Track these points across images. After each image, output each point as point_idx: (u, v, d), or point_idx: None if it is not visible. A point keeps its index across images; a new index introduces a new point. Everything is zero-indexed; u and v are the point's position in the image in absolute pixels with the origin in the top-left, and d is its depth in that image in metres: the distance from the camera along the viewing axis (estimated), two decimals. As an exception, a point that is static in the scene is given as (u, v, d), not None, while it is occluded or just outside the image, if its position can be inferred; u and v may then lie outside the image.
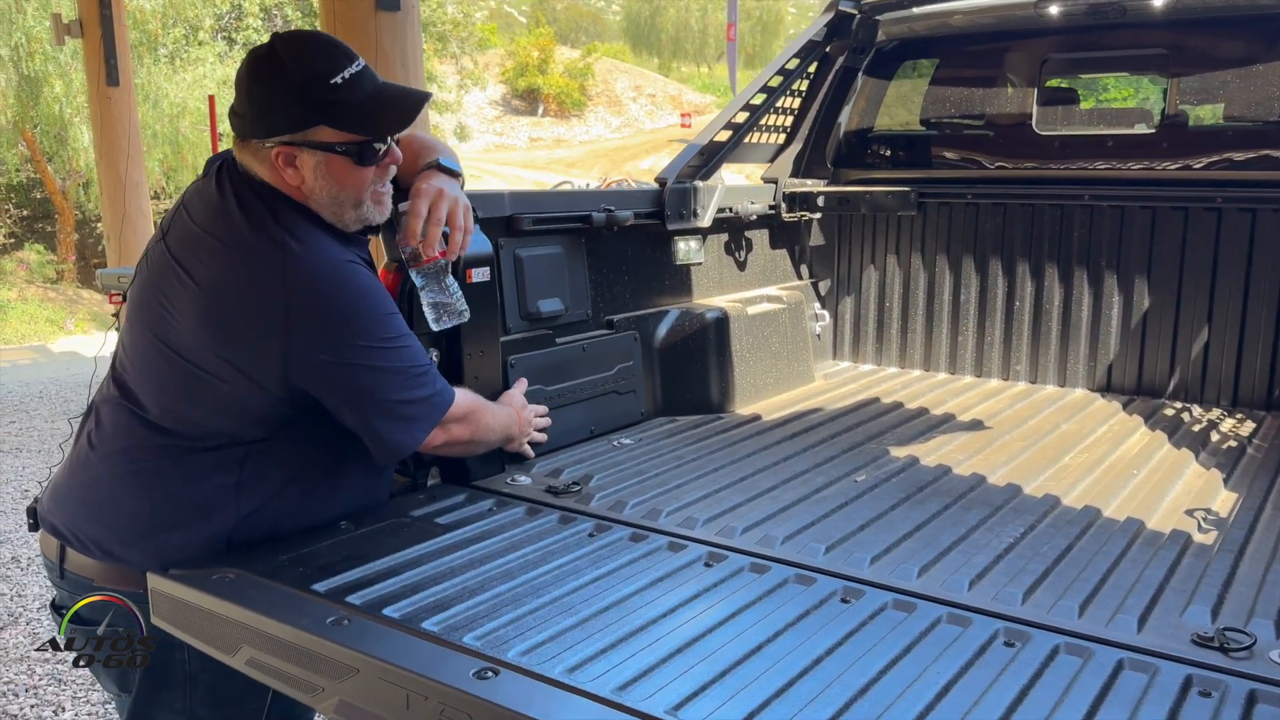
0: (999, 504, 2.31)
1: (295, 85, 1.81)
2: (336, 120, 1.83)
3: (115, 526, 1.93)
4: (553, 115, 32.94)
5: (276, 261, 1.85)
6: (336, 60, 1.83)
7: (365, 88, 1.85)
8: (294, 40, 1.86)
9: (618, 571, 1.89)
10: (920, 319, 3.81)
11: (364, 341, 1.87)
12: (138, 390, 1.94)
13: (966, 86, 3.78)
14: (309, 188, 1.89)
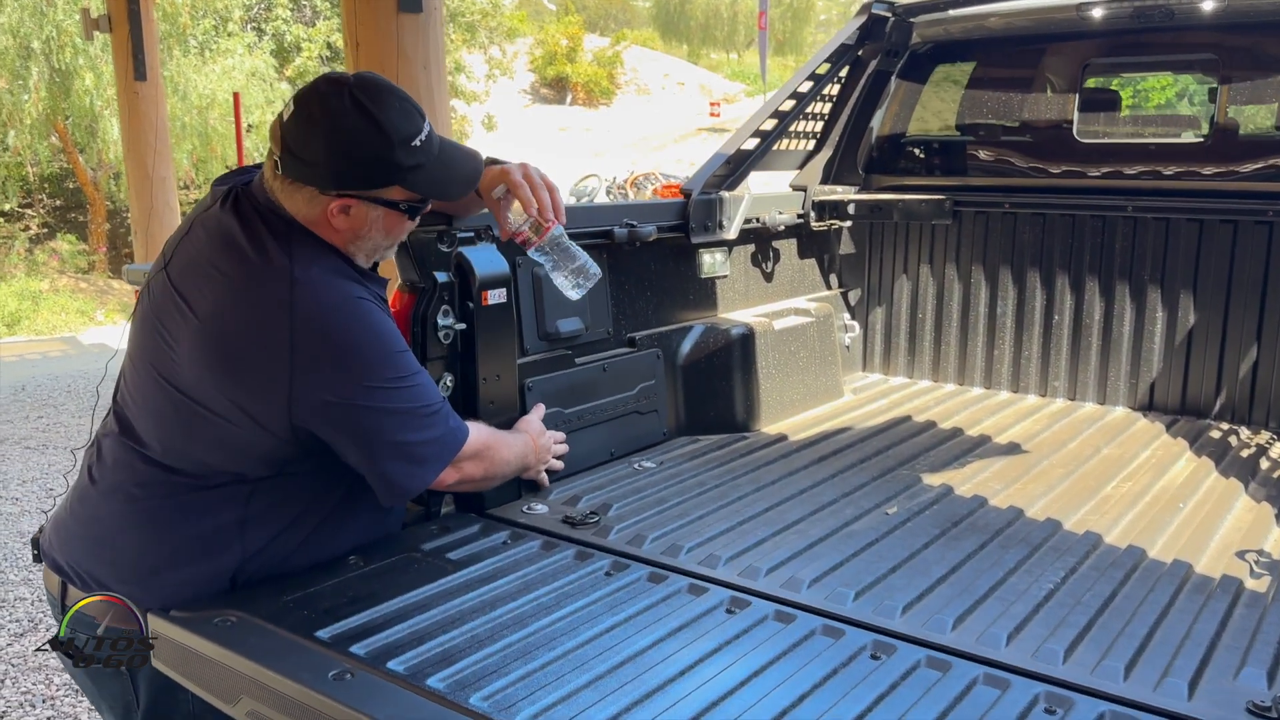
0: (1038, 542, 2.19)
1: (383, 147, 1.76)
2: (412, 182, 1.81)
3: (116, 564, 1.87)
4: (581, 103, 32.81)
5: (282, 296, 1.77)
6: (416, 120, 1.80)
7: (434, 148, 1.83)
8: (374, 93, 1.77)
9: (635, 619, 1.80)
10: (954, 331, 3.69)
11: (372, 382, 1.80)
12: (138, 425, 1.88)
13: (1004, 91, 3.65)
14: (355, 235, 1.85)
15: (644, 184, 9.81)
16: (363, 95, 1.76)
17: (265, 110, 14.26)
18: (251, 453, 1.83)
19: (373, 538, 2.07)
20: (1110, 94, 3.63)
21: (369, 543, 2.06)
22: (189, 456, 1.83)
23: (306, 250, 1.82)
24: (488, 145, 23.23)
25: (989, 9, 3.45)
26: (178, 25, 12.99)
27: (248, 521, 1.86)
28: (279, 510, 1.89)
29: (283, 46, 16.28)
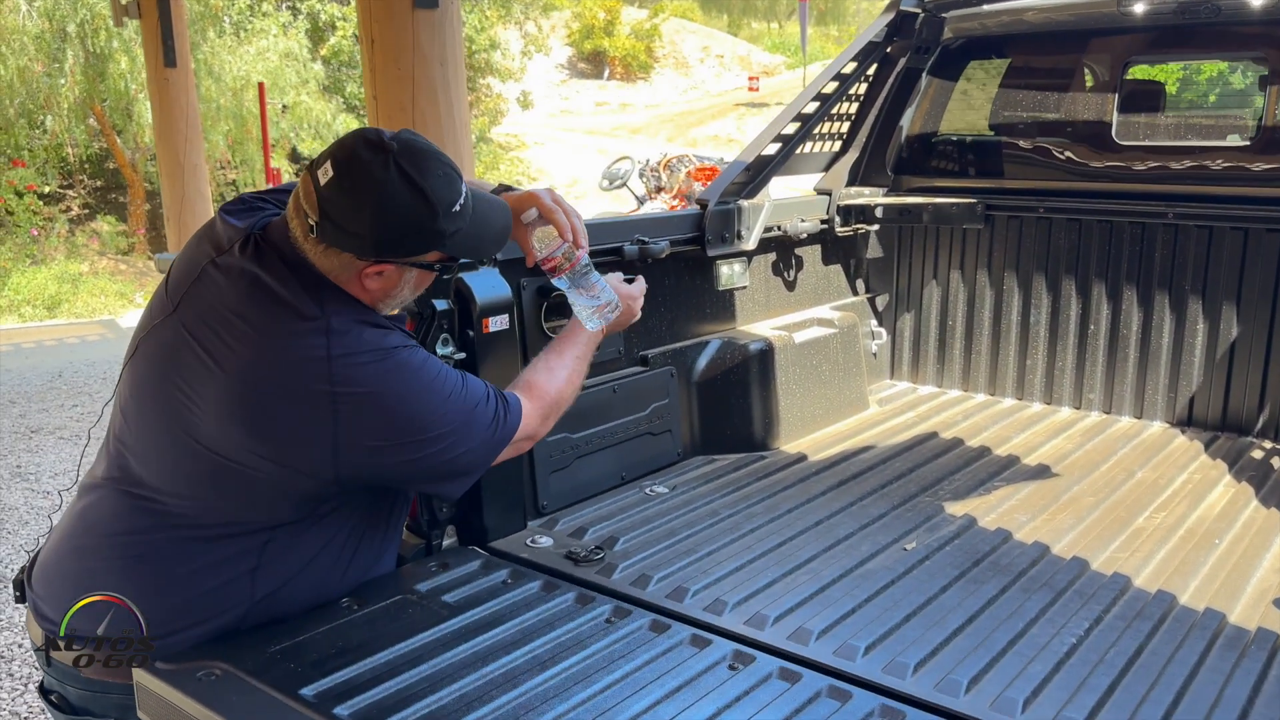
0: (1062, 586, 2.09)
1: (430, 220, 1.71)
2: (452, 247, 1.78)
3: (113, 623, 1.79)
4: (619, 78, 32.52)
5: (320, 349, 1.71)
6: (456, 185, 1.74)
7: (469, 208, 1.78)
8: (418, 162, 1.71)
9: (632, 677, 1.72)
10: (985, 339, 3.56)
11: (419, 423, 1.77)
12: (145, 475, 1.80)
13: (1040, 90, 3.49)
14: (385, 293, 1.80)
15: (677, 166, 9.61)
16: (408, 164, 1.70)
17: (299, 91, 14.26)
18: (285, 500, 1.79)
19: (371, 575, 2.01)
20: (1152, 93, 3.47)
21: (365, 579, 2.00)
22: (208, 506, 1.77)
23: (338, 302, 1.76)
24: (523, 123, 23.09)
25: (1026, 3, 3.30)
26: (210, 7, 12.99)
27: (259, 570, 1.80)
28: (291, 558, 1.83)
29: (317, 26, 16.24)
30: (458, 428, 1.81)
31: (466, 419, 1.82)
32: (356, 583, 1.97)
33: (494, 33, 18.30)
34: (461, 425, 1.82)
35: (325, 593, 1.92)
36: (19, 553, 4.93)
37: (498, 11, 18.92)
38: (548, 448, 2.46)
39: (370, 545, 1.97)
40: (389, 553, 2.07)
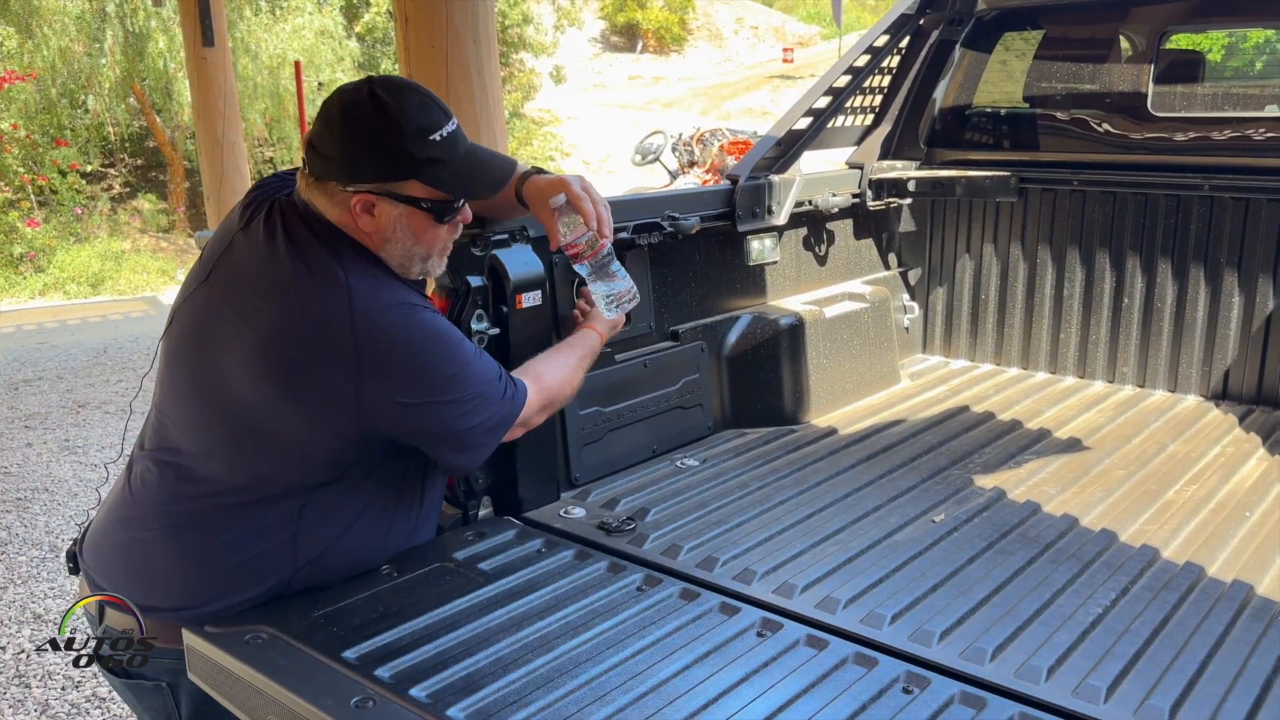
0: (1090, 557, 2.10)
1: (395, 136, 1.74)
2: (431, 177, 1.77)
3: (164, 591, 1.87)
4: (652, 51, 32.35)
5: (341, 303, 1.76)
6: (436, 116, 1.77)
7: (459, 147, 1.80)
8: (393, 88, 1.77)
9: (662, 642, 1.77)
10: (1019, 313, 3.55)
11: (437, 381, 1.82)
12: (183, 442, 1.86)
13: (1075, 62, 3.45)
14: (383, 237, 1.83)
15: (710, 140, 9.60)
16: (382, 89, 1.76)
17: (335, 69, 14.34)
18: (315, 459, 1.83)
19: (412, 542, 2.07)
20: (1189, 63, 3.42)
21: (407, 547, 2.06)
22: (244, 468, 1.82)
23: (355, 258, 1.82)
24: (556, 98, 23.05)
25: (1061, -28, 3.27)
26: (246, -15, 13.10)
27: (300, 535, 1.86)
28: (331, 521, 1.89)
29: (352, 3, 16.31)
30: (473, 396, 1.86)
31: (481, 390, 1.87)
32: (396, 550, 2.03)
33: (526, 7, 18.26)
34: (477, 395, 1.86)
35: (367, 558, 1.97)
36: (69, 523, 5.07)
37: (530, -14, 18.89)
38: (580, 421, 2.50)
39: (408, 514, 2.02)
40: (428, 522, 2.12)
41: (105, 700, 3.53)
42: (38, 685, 3.64)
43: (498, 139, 4.20)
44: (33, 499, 5.41)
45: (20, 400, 7.31)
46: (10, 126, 12.25)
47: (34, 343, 9.30)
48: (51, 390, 7.54)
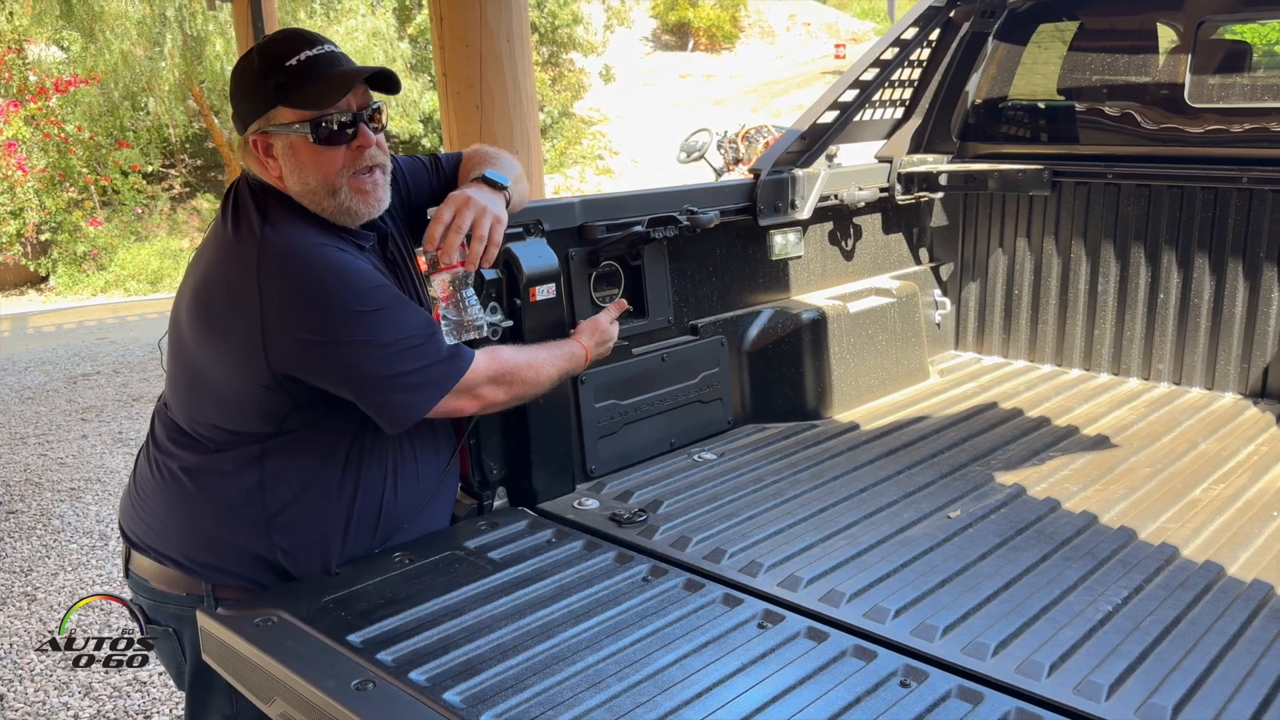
0: (1106, 555, 2.07)
1: (255, 73, 1.85)
2: (286, 98, 1.83)
3: (161, 532, 1.99)
4: (703, 49, 32.28)
5: (252, 250, 1.84)
6: (294, 46, 1.85)
7: (320, 68, 1.84)
8: (268, 37, 1.90)
9: (662, 632, 1.78)
10: (1052, 309, 3.49)
11: (339, 317, 1.81)
12: (170, 396, 2.01)
13: (1110, 53, 3.39)
14: (284, 175, 1.88)
15: (756, 137, 9.56)
16: (261, 40, 1.90)
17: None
18: (249, 409, 1.90)
19: (401, 512, 2.07)
20: (1225, 53, 3.33)
21: (398, 513, 2.06)
22: (202, 419, 1.93)
23: (280, 212, 1.90)
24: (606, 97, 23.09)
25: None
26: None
27: (265, 483, 1.93)
28: (293, 470, 1.94)
29: (404, 4, 16.50)
30: (392, 342, 1.84)
31: (401, 338, 1.84)
32: (380, 524, 2.04)
33: (577, 7, 18.33)
34: (395, 341, 1.84)
35: (335, 525, 1.98)
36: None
37: (581, -15, 18.94)
38: (596, 413, 2.52)
39: (376, 486, 2.02)
40: (408, 502, 2.09)
41: (145, 684, 3.63)
42: (82, 668, 3.75)
43: (530, 134, 4.24)
44: (85, 489, 5.57)
45: (78, 394, 7.52)
46: (75, 129, 12.61)
47: (94, 338, 9.57)
48: (108, 384, 7.75)
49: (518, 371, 2.04)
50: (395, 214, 2.13)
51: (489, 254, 1.97)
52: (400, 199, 2.17)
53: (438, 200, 2.17)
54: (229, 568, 1.96)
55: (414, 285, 2.11)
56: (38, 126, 12.45)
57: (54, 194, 12.35)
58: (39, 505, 5.36)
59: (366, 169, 1.89)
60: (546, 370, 2.11)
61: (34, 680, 3.70)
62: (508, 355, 2.05)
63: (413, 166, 2.24)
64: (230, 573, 1.96)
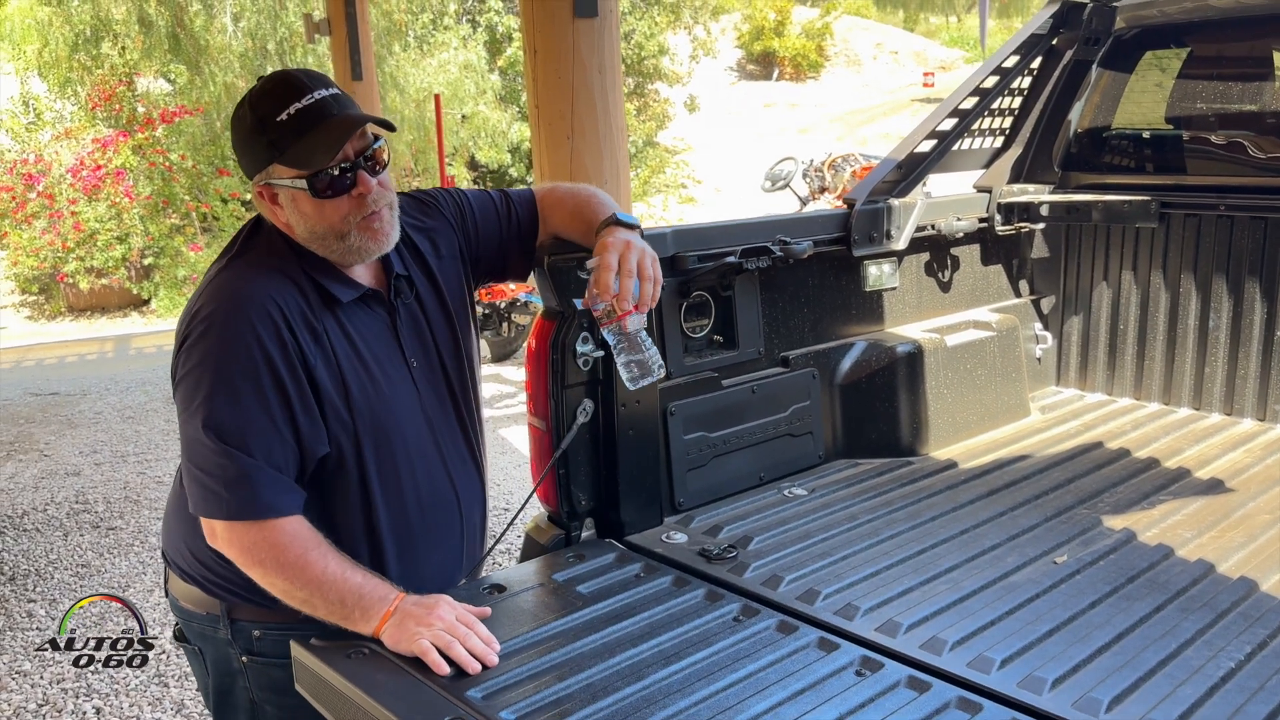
0: (1225, 607, 1.95)
1: (249, 128, 1.80)
2: (281, 157, 1.78)
3: (180, 547, 2.01)
4: (788, 78, 32.25)
5: (209, 276, 1.86)
6: (284, 98, 1.77)
7: (309, 121, 1.76)
8: (257, 85, 1.84)
9: (755, 676, 1.73)
10: (1160, 344, 3.35)
11: (194, 378, 1.76)
12: None
13: (1223, 80, 3.26)
14: (291, 223, 1.84)
15: (842, 166, 9.48)
16: (253, 89, 1.84)
17: (477, 101, 14.81)
18: None
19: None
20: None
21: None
22: None
23: (260, 244, 1.88)
24: (690, 127, 23.19)
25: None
26: (395, 22, 13.67)
27: None
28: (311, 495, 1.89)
29: (495, 38, 16.82)
30: (202, 437, 1.73)
31: (225, 420, 1.73)
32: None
33: (663, 39, 18.47)
34: (220, 417, 1.73)
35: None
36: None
37: (667, 17, 19.09)
38: (685, 445, 2.48)
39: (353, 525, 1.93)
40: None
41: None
42: (175, 685, 3.83)
43: (620, 165, 4.24)
44: (181, 508, 5.71)
45: (176, 414, 7.75)
46: (179, 157, 13.09)
47: (192, 360, 9.86)
48: (204, 405, 7.97)
49: (309, 568, 1.76)
50: (442, 253, 2.08)
51: (655, 293, 1.97)
52: (461, 234, 2.13)
53: (507, 240, 2.17)
54: (238, 587, 1.90)
55: (430, 332, 2.02)
56: (144, 155, 12.95)
57: (157, 220, 12.81)
58: (137, 523, 5.51)
59: (372, 213, 1.84)
60: (310, 594, 1.77)
61: (129, 695, 3.78)
62: (291, 550, 1.76)
63: (482, 205, 2.18)
64: (240, 592, 1.91)
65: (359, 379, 1.87)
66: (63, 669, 3.97)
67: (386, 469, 1.92)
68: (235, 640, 1.97)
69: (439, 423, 2.01)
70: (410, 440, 1.95)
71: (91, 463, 6.61)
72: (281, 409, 1.77)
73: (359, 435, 1.87)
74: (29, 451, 6.92)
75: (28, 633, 4.28)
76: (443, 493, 2.01)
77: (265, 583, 1.78)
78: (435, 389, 2.01)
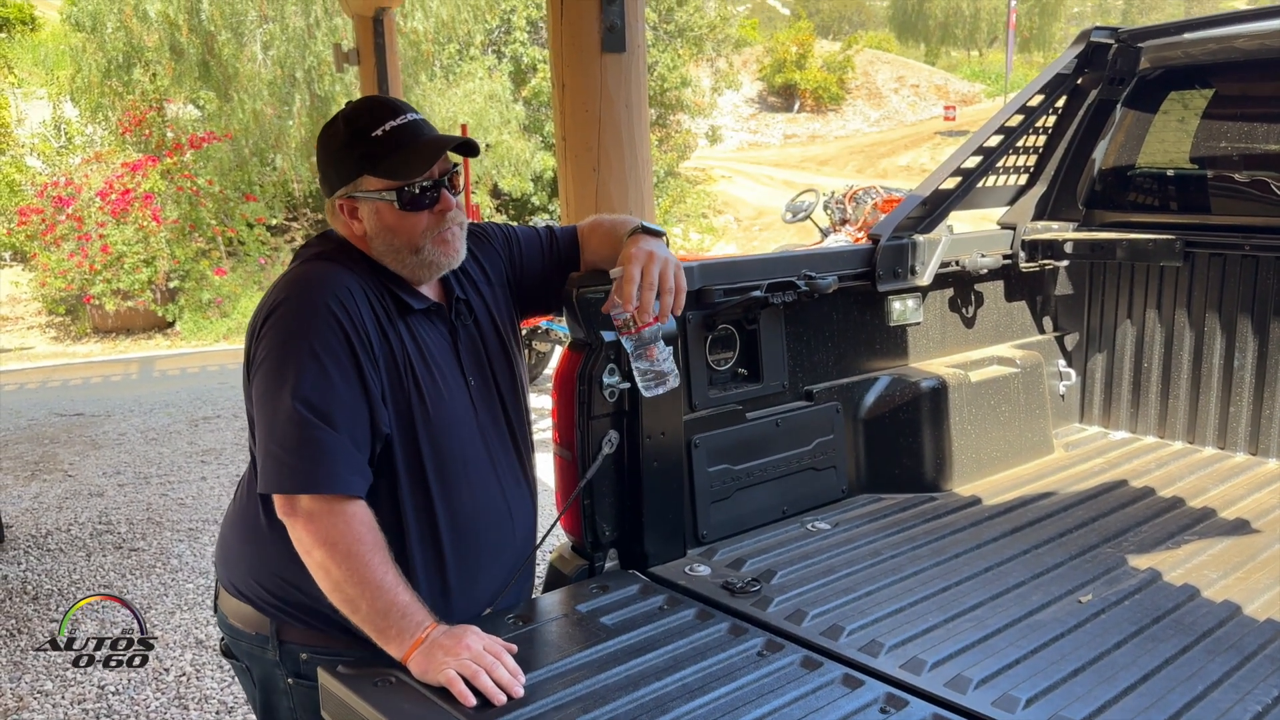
0: (1252, 650, 1.94)
1: (342, 141, 1.92)
2: (374, 169, 1.89)
3: (233, 563, 2.06)
4: (809, 111, 32.41)
5: (282, 278, 1.93)
6: (379, 116, 1.91)
7: (403, 138, 1.90)
8: (351, 105, 1.97)
9: (780, 712, 1.73)
10: (1184, 383, 3.35)
11: (278, 353, 1.82)
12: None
13: (1247, 121, 3.27)
14: (369, 235, 1.95)
15: (863, 199, 9.49)
16: (343, 110, 1.97)
17: (501, 130, 14.96)
18: None
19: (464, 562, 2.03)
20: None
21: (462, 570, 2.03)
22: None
23: (333, 251, 1.97)
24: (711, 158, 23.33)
25: (1233, 30, 3.11)
26: (422, 53, 13.85)
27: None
28: None
29: (520, 69, 17.02)
30: (289, 410, 1.77)
31: (308, 394, 1.78)
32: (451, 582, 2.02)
33: (685, 70, 18.63)
34: (296, 396, 1.78)
35: None
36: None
37: (690, 50, 19.27)
38: (709, 478, 2.49)
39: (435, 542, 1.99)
40: (423, 577, 1.98)
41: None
42: (195, 708, 3.85)
43: (645, 197, 4.27)
44: (203, 530, 5.75)
45: (199, 436, 7.82)
46: (206, 182, 13.28)
47: (215, 383, 9.96)
48: (228, 428, 8.04)
49: (358, 559, 1.77)
50: (493, 281, 2.16)
51: (679, 302, 2.02)
52: (508, 264, 2.21)
53: (549, 272, 2.24)
54: (290, 608, 1.96)
55: (485, 354, 2.08)
56: (172, 180, 13.14)
57: (184, 244, 12.98)
58: (159, 544, 5.56)
59: (446, 228, 1.96)
60: (360, 593, 1.78)
61: (149, 717, 3.80)
62: (361, 541, 1.79)
63: (528, 236, 2.28)
64: (292, 613, 1.96)
65: (425, 380, 1.95)
66: (84, 689, 3.99)
67: (447, 474, 1.98)
68: (283, 662, 2.00)
69: (494, 442, 2.07)
70: (469, 451, 2.01)
71: (115, 484, 6.67)
72: (359, 383, 1.84)
73: (418, 434, 1.94)
74: (53, 472, 6.99)
75: (49, 653, 4.31)
76: (499, 507, 2.06)
77: (322, 569, 1.79)
78: (491, 410, 2.08)
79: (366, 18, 8.01)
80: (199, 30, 12.99)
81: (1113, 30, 3.26)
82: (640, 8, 4.08)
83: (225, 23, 12.99)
